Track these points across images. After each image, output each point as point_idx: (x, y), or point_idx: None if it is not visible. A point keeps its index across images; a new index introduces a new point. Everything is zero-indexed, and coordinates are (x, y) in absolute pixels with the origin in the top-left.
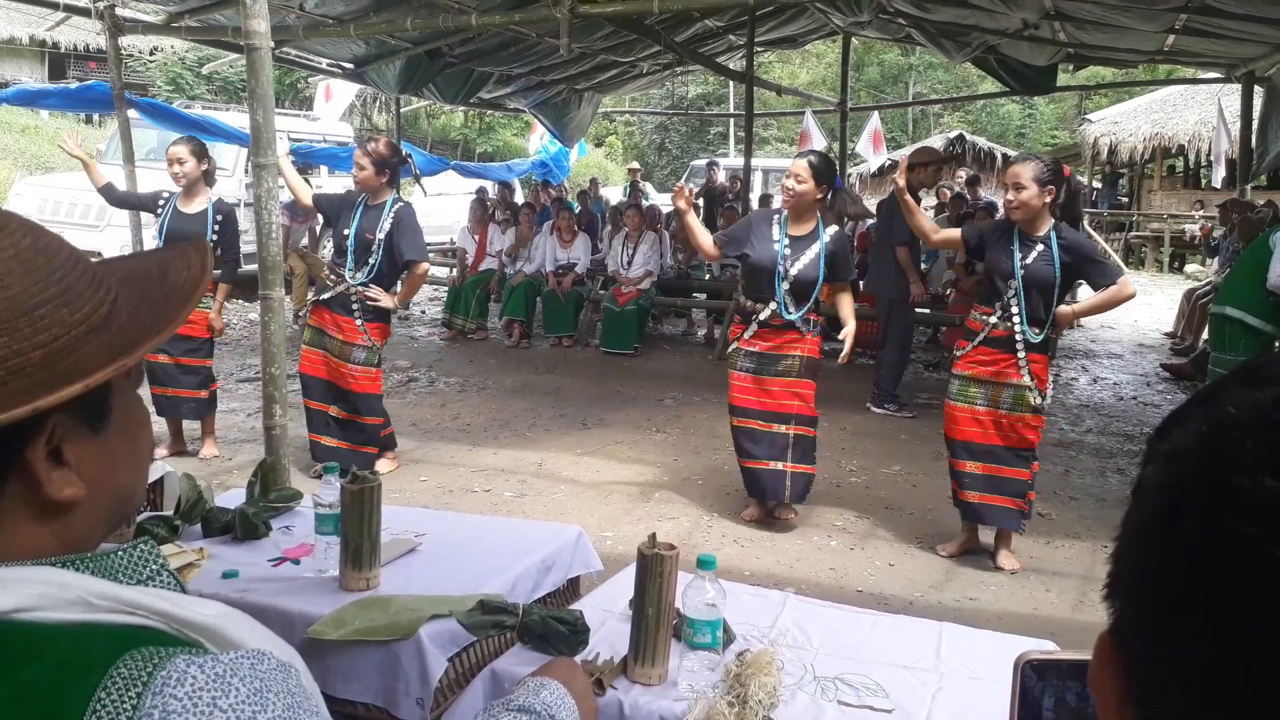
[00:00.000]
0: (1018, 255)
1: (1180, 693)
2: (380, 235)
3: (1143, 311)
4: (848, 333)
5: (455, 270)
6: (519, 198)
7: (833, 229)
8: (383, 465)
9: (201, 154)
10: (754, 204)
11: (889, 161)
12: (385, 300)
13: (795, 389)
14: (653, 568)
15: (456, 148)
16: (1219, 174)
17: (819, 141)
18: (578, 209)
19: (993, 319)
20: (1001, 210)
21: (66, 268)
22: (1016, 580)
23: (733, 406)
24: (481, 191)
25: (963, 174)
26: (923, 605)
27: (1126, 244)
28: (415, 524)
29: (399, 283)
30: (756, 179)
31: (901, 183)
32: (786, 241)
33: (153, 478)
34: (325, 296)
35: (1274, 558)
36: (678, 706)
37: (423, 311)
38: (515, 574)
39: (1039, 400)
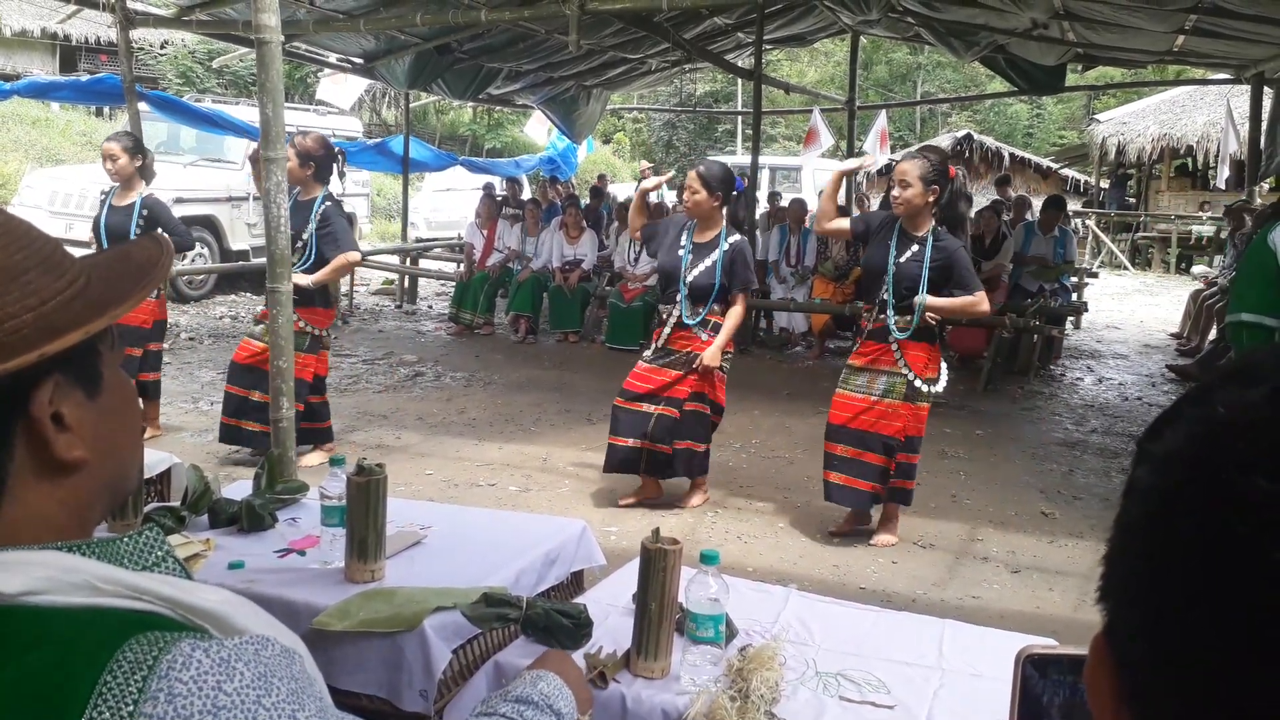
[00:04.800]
0: (893, 253)
1: (1176, 695)
2: (306, 235)
3: (1149, 312)
4: (707, 354)
5: (463, 265)
6: (526, 194)
7: (735, 237)
8: (312, 458)
9: (135, 150)
10: (761, 202)
11: (893, 161)
12: (301, 280)
13: (676, 379)
14: (656, 562)
15: (465, 143)
16: (1224, 174)
17: (826, 140)
18: (586, 204)
19: (872, 314)
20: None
21: (42, 241)
22: (1019, 579)
23: (620, 390)
24: (489, 187)
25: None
26: (925, 603)
27: (1133, 245)
28: (420, 517)
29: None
30: (764, 177)
31: (842, 168)
32: (690, 248)
33: (160, 469)
34: None
35: (1270, 558)
36: (680, 700)
37: (430, 306)
38: (519, 567)
39: (922, 387)
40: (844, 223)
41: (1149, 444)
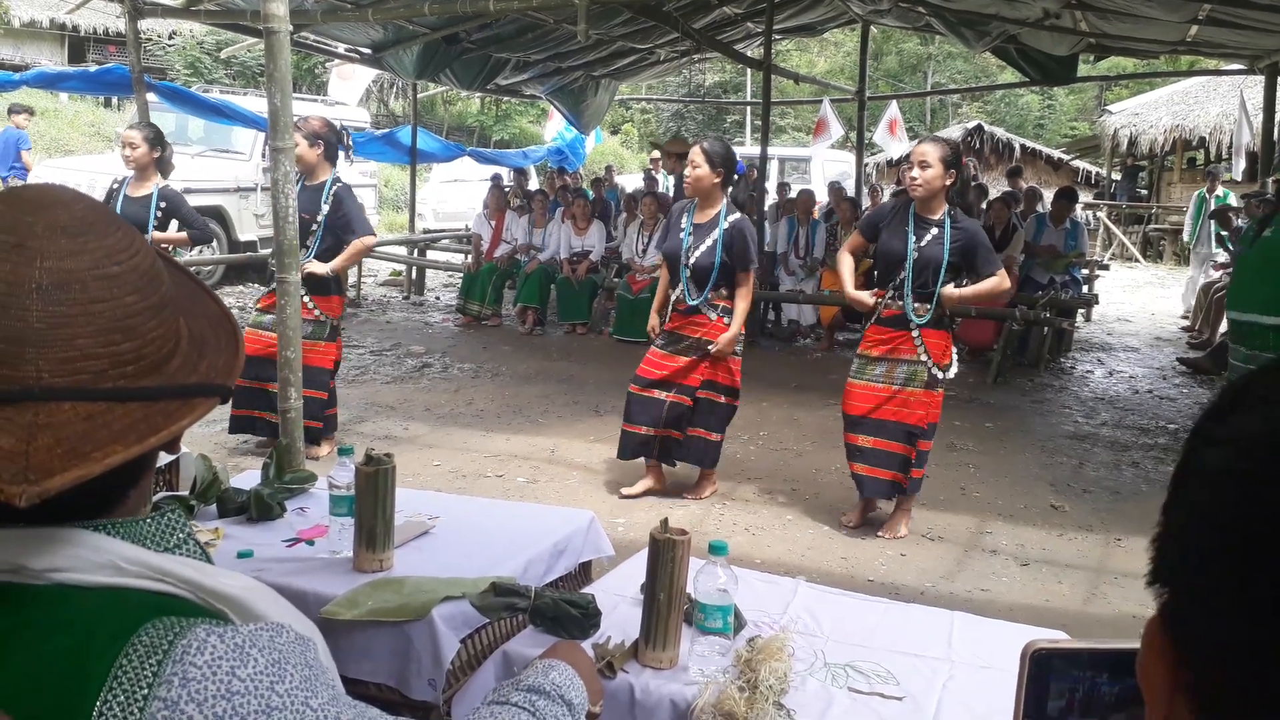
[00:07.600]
0: (912, 238)
1: (1247, 686)
2: (320, 217)
3: (1160, 305)
4: (723, 340)
5: (470, 256)
6: (533, 184)
7: (735, 215)
8: (319, 451)
9: (156, 141)
10: (770, 193)
11: (905, 152)
12: (319, 268)
13: (689, 366)
14: (664, 552)
15: (472, 134)
16: (1239, 166)
17: (836, 130)
18: (592, 196)
19: (886, 298)
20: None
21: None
22: (1028, 572)
23: (634, 376)
24: (497, 178)
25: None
26: (934, 595)
27: (1145, 237)
28: (428, 507)
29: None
30: (773, 168)
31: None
32: (690, 229)
33: (168, 458)
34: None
35: None
36: (688, 691)
37: (437, 298)
38: (527, 557)
39: (939, 375)
40: (855, 245)
41: (1216, 427)
